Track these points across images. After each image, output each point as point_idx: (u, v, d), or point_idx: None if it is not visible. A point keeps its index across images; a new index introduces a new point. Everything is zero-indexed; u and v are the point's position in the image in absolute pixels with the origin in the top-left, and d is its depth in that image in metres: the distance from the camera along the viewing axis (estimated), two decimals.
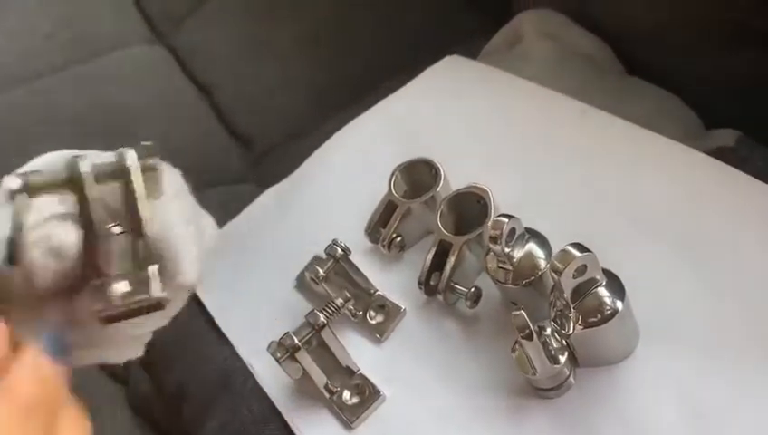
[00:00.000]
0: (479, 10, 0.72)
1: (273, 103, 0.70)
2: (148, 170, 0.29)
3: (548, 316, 0.35)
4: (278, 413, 0.40)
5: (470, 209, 0.41)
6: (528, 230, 0.38)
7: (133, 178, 0.29)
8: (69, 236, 0.28)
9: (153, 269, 0.29)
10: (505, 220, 0.36)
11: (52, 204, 0.29)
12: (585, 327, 0.34)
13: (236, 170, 0.69)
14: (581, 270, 0.33)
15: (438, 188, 0.43)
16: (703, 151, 0.44)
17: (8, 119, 0.69)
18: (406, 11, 0.74)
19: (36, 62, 0.75)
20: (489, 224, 0.38)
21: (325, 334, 0.38)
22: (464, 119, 0.51)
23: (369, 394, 0.39)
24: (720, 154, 0.43)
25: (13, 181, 0.27)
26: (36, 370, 0.25)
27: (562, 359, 0.35)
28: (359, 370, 0.40)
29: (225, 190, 0.65)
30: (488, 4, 0.69)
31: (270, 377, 0.41)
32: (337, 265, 0.42)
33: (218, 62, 0.75)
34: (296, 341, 0.37)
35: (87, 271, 0.29)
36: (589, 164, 0.45)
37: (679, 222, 0.40)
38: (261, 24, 0.76)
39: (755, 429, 0.33)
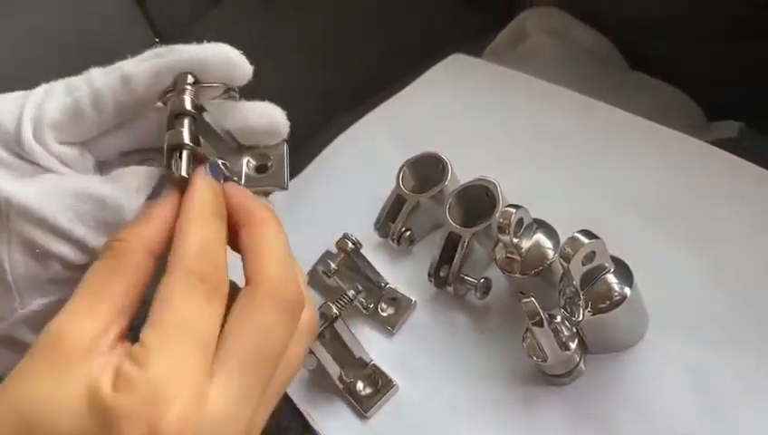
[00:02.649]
0: (482, 10, 0.73)
1: (280, 107, 0.71)
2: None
3: (557, 305, 0.35)
4: (293, 404, 0.41)
5: (478, 202, 0.42)
6: (536, 221, 0.39)
7: None
8: None
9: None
10: (513, 210, 0.36)
11: None
12: (594, 313, 0.34)
13: None
14: (590, 257, 0.33)
15: (446, 182, 0.44)
16: (706, 143, 0.44)
17: None
18: (410, 12, 0.74)
19: (45, 70, 0.75)
20: (497, 214, 0.38)
21: (338, 326, 0.38)
22: (469, 115, 0.52)
23: (382, 385, 0.40)
24: (723, 145, 0.43)
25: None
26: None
27: (573, 345, 0.35)
28: (371, 361, 0.41)
29: None
30: (491, 4, 0.70)
31: None
32: (348, 258, 0.42)
33: None
34: None
35: None
36: (594, 157, 0.46)
37: (684, 211, 0.41)
38: (265, 28, 0.77)
39: (767, 412, 0.33)
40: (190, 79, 0.30)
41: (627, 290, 0.34)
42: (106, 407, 0.22)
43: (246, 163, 0.32)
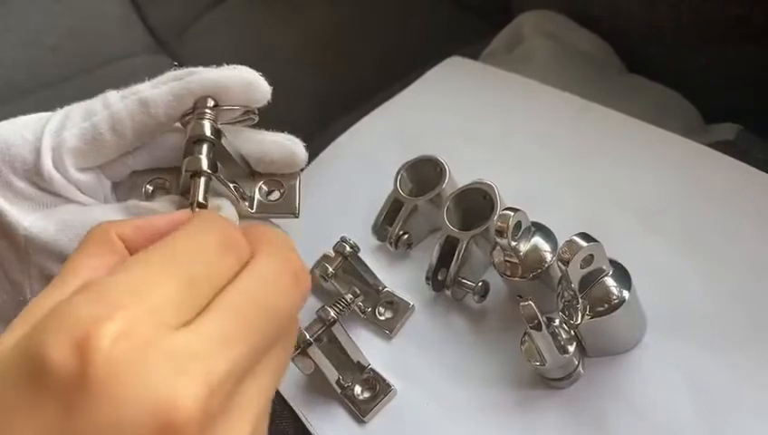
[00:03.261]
0: (479, 14, 0.73)
1: (277, 110, 0.71)
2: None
3: (555, 309, 0.35)
4: (290, 408, 0.41)
5: (476, 205, 0.42)
6: (534, 224, 0.38)
7: None
8: None
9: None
10: (511, 214, 0.36)
11: None
12: (593, 317, 0.34)
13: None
14: (588, 260, 0.33)
15: (444, 185, 0.44)
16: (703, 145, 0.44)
17: None
18: (407, 15, 0.75)
19: (43, 74, 0.75)
20: (495, 218, 0.38)
21: (336, 330, 0.38)
22: (466, 118, 0.52)
23: (380, 388, 0.39)
24: (720, 148, 0.43)
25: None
26: None
27: (571, 349, 0.35)
28: (369, 365, 0.41)
29: None
30: (488, 8, 0.70)
31: None
32: (346, 262, 0.42)
33: None
34: (308, 336, 0.37)
35: None
36: (591, 159, 0.46)
37: (682, 213, 0.41)
38: (263, 32, 0.77)
39: (764, 415, 0.33)
40: (211, 102, 0.30)
41: (625, 293, 0.34)
42: (55, 308, 0.20)
43: (259, 189, 0.32)
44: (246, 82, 0.31)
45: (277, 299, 0.23)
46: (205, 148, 0.29)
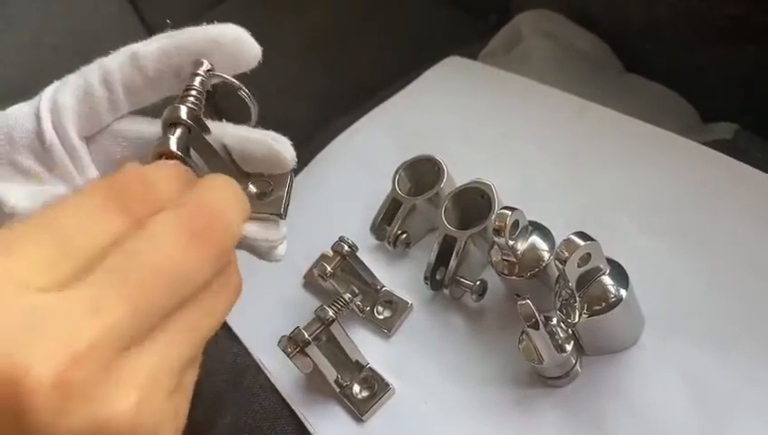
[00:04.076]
0: (478, 13, 0.73)
1: (276, 110, 0.71)
2: None
3: (553, 307, 0.35)
4: (289, 408, 0.41)
5: (474, 204, 0.42)
6: (531, 223, 0.39)
7: None
8: None
9: None
10: (509, 213, 0.36)
11: None
12: (590, 315, 0.34)
13: None
14: (586, 259, 0.34)
15: (442, 185, 0.44)
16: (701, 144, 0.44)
17: None
18: (406, 16, 0.75)
19: (43, 74, 0.75)
20: (493, 217, 0.38)
21: (334, 329, 0.38)
22: (464, 117, 0.52)
23: (378, 388, 0.40)
24: (718, 147, 0.43)
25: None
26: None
27: (569, 347, 0.35)
28: (368, 364, 0.41)
29: None
30: (487, 7, 0.70)
31: (280, 373, 0.42)
32: (344, 261, 0.42)
33: None
34: (306, 335, 0.37)
35: None
36: (589, 159, 0.46)
37: (679, 212, 0.41)
38: (262, 31, 0.77)
39: (762, 414, 0.33)
40: (206, 66, 0.29)
41: (622, 292, 0.34)
42: None
43: (247, 188, 0.31)
44: (237, 35, 0.30)
45: (167, 260, 0.21)
46: (178, 131, 0.27)
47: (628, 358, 0.36)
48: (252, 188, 0.31)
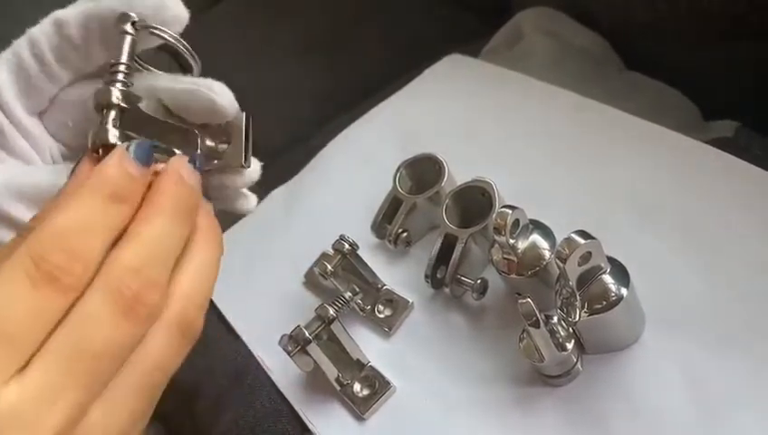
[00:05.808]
0: (479, 11, 0.73)
1: (276, 108, 0.71)
2: None
3: (553, 306, 0.35)
4: (290, 406, 0.41)
5: (475, 203, 0.42)
6: (532, 221, 0.38)
7: None
8: None
9: None
10: (509, 211, 0.36)
11: None
12: (591, 314, 0.34)
13: None
14: (586, 257, 0.33)
15: (443, 183, 0.44)
16: (702, 142, 0.44)
17: None
18: (407, 14, 0.75)
19: None
20: (494, 215, 0.38)
21: (335, 328, 0.38)
22: (466, 115, 0.52)
23: (379, 386, 0.40)
24: (719, 145, 0.43)
25: None
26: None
27: (569, 346, 0.35)
28: (368, 362, 0.41)
29: None
30: (488, 5, 0.70)
31: (281, 371, 0.42)
32: (345, 260, 0.42)
33: (220, 68, 0.76)
34: (307, 334, 0.37)
35: None
36: (590, 157, 0.46)
37: (680, 210, 0.41)
38: (262, 30, 0.77)
39: (763, 412, 0.33)
40: (132, 17, 0.28)
41: (623, 290, 0.34)
42: None
43: (201, 142, 0.29)
44: None
45: (106, 340, 0.22)
46: (112, 114, 0.26)
47: (629, 356, 0.36)
48: (208, 142, 0.30)
